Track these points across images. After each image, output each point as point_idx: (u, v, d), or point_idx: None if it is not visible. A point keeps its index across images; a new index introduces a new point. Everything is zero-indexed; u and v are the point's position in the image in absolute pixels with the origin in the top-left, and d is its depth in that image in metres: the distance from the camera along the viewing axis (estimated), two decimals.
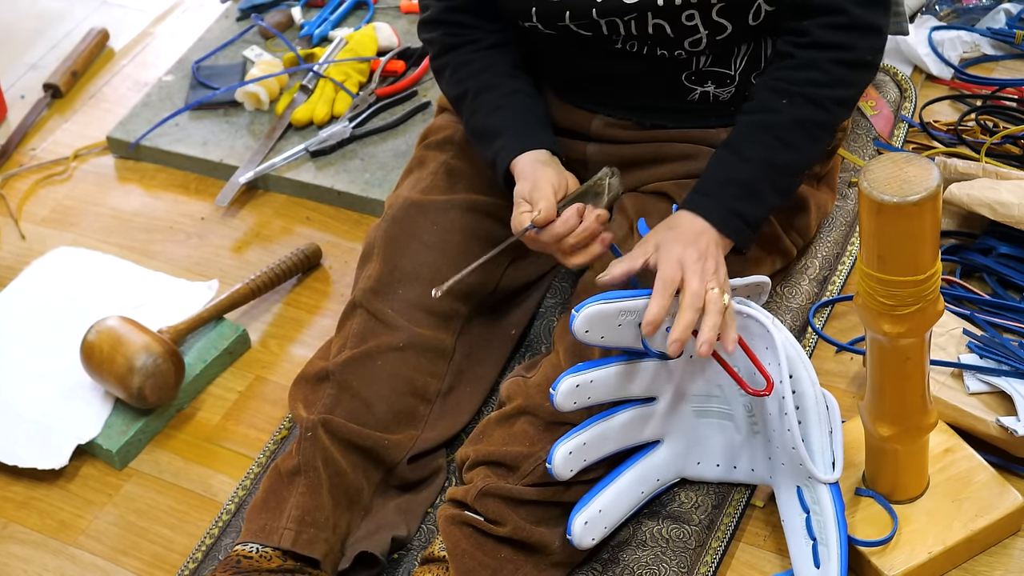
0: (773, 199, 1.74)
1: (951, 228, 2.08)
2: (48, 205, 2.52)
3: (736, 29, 1.74)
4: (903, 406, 1.60)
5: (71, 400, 2.09)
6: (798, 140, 1.72)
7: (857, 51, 1.71)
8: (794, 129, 1.71)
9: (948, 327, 1.88)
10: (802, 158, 1.75)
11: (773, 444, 1.70)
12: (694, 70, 1.81)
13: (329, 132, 2.46)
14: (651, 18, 1.72)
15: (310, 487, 1.75)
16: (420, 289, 1.84)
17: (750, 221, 1.71)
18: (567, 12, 1.74)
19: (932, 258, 1.45)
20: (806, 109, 1.71)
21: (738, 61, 1.80)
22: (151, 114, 2.61)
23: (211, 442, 2.05)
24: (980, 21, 2.44)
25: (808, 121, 1.71)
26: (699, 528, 1.78)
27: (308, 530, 1.72)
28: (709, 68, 1.80)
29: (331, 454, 1.77)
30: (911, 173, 1.39)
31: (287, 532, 1.72)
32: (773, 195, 1.74)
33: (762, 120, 1.72)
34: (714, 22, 1.72)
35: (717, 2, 1.69)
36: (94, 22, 2.95)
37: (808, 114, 1.71)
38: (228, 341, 2.14)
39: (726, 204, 1.69)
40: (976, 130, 2.23)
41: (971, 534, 1.68)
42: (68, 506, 2.00)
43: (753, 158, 1.71)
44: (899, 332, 1.50)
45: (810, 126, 1.72)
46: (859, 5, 1.69)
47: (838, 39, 1.70)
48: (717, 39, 1.75)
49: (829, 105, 1.71)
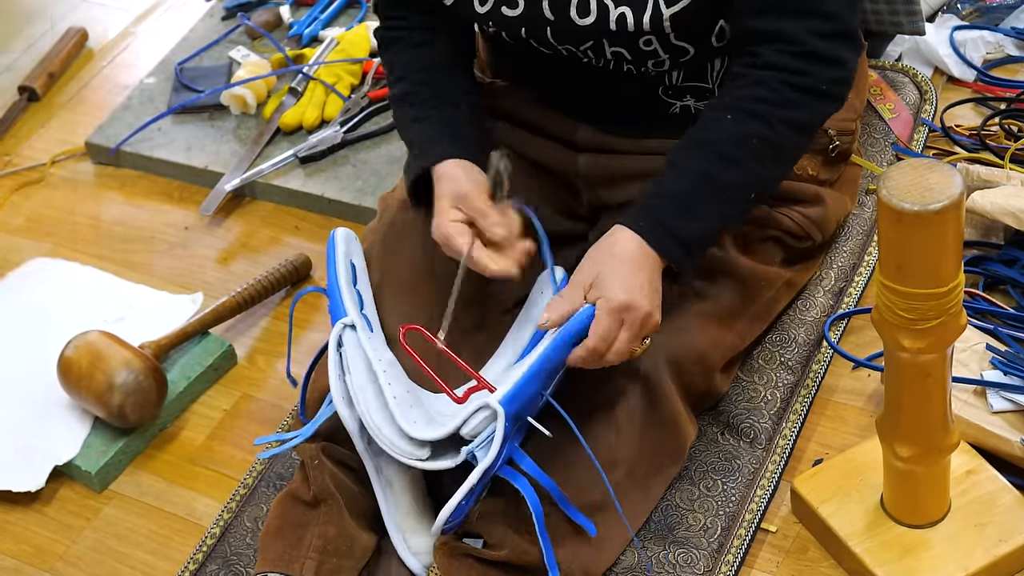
0: (713, 219, 1.71)
1: (973, 238, 2.09)
2: (23, 214, 2.53)
3: (701, 50, 1.76)
4: (923, 425, 1.60)
5: (48, 419, 2.09)
6: (740, 156, 1.69)
7: (811, 77, 1.69)
8: (735, 144, 1.69)
9: (970, 342, 1.88)
10: (747, 177, 1.71)
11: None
12: (669, 85, 1.83)
13: (319, 137, 2.47)
14: (608, 45, 1.74)
15: (330, 515, 1.77)
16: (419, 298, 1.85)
17: (683, 239, 1.69)
18: (522, 29, 1.77)
19: (954, 269, 1.45)
20: (750, 124, 1.69)
21: (714, 75, 1.82)
22: (132, 118, 2.61)
23: (195, 463, 2.06)
24: (1004, 20, 2.45)
25: (753, 136, 1.69)
26: (707, 553, 1.78)
27: (331, 560, 1.74)
28: (685, 84, 1.82)
29: (340, 479, 1.78)
30: (932, 180, 1.40)
31: (309, 561, 1.74)
32: (714, 215, 1.71)
33: (702, 136, 1.71)
34: (674, 46, 1.74)
35: (672, 30, 1.70)
36: (72, 21, 2.96)
37: (752, 130, 1.69)
38: (213, 357, 2.15)
39: (658, 218, 1.68)
40: (1000, 135, 2.24)
41: (994, 560, 1.69)
42: (45, 530, 2.00)
43: (689, 171, 1.70)
44: (919, 347, 1.50)
45: (756, 143, 1.69)
46: (818, 37, 1.68)
47: (791, 63, 1.69)
48: (681, 61, 1.76)
49: (775, 123, 1.69)
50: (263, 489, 1.95)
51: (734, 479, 1.85)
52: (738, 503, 1.83)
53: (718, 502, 1.83)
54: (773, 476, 1.85)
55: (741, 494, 1.83)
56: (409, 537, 1.77)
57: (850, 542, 1.72)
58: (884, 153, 2.23)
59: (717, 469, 1.86)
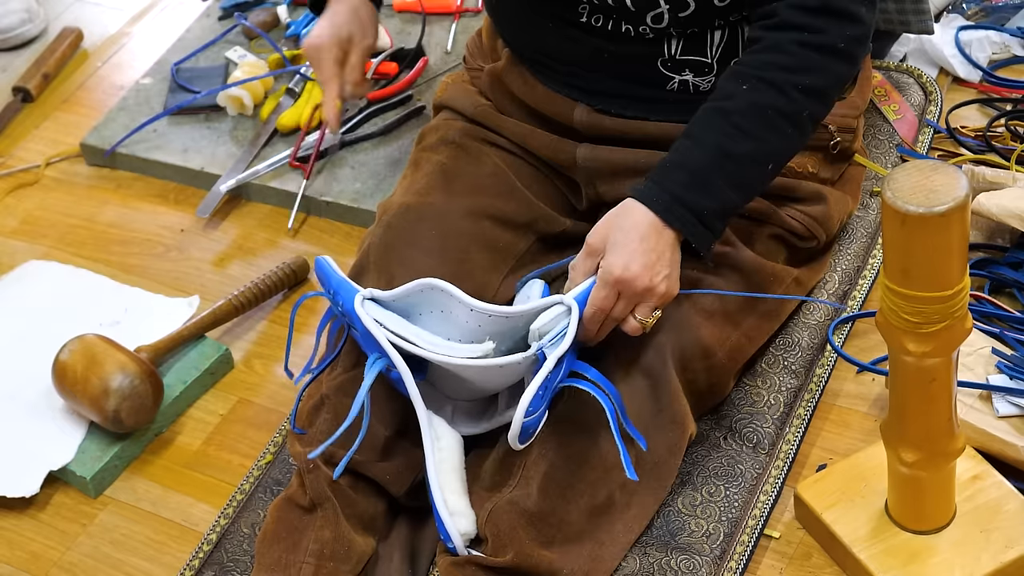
0: (729, 193, 1.71)
1: (979, 241, 2.09)
2: (18, 216, 2.53)
3: (700, 7, 1.76)
4: (928, 430, 1.60)
5: (42, 424, 2.09)
6: (756, 128, 1.70)
7: (827, 35, 1.70)
8: (751, 115, 1.69)
9: (976, 346, 1.88)
10: (763, 149, 1.71)
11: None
12: (668, 57, 1.83)
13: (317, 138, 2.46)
14: None
15: (327, 520, 1.77)
16: None
17: (700, 213, 1.69)
18: None
19: (960, 272, 1.45)
20: (765, 94, 1.69)
21: (714, 48, 1.82)
22: (127, 119, 2.61)
23: (191, 468, 2.05)
24: (1010, 20, 2.45)
25: (768, 108, 1.69)
26: (710, 559, 1.78)
27: (327, 564, 1.74)
28: (684, 57, 1.82)
29: (337, 484, 1.78)
30: (937, 182, 1.40)
31: (306, 566, 1.74)
32: (728, 188, 1.71)
33: (718, 106, 1.72)
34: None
35: None
36: (67, 21, 2.96)
37: (768, 100, 1.69)
38: (210, 361, 2.15)
39: (671, 191, 1.69)
40: (1006, 136, 2.24)
41: (1001, 566, 1.69)
42: (39, 537, 2.00)
43: (705, 144, 1.70)
44: (924, 351, 1.50)
45: (771, 114, 1.70)
46: None
47: (806, 20, 1.70)
48: (680, 16, 1.77)
49: (791, 92, 1.69)
50: (260, 495, 1.95)
51: (737, 484, 1.85)
52: (741, 509, 1.83)
53: (721, 508, 1.83)
54: (776, 481, 1.85)
55: (744, 500, 1.83)
56: (448, 496, 1.74)
57: (854, 548, 1.72)
58: (889, 155, 2.23)
59: (720, 474, 1.86)
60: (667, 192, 1.69)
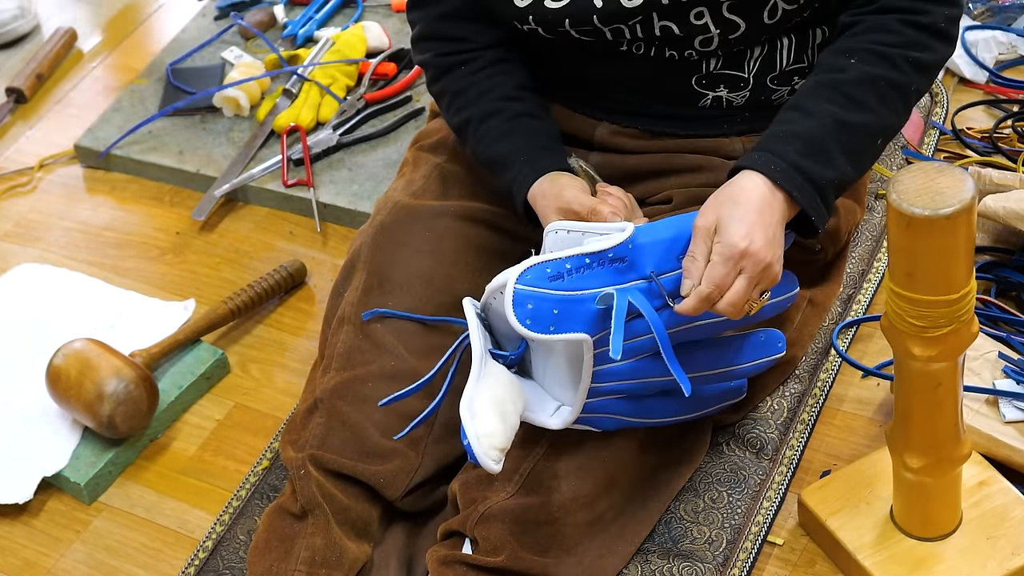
0: (844, 164, 1.66)
1: (986, 243, 2.09)
2: (11, 219, 2.53)
3: (750, 27, 1.74)
4: (934, 435, 1.61)
5: (36, 429, 2.09)
6: (868, 98, 1.66)
7: (930, 15, 1.69)
8: (863, 86, 1.66)
9: (982, 350, 1.88)
10: (875, 121, 1.68)
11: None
12: (705, 73, 1.81)
13: (314, 140, 2.47)
14: (657, 20, 1.73)
15: (317, 526, 1.76)
16: (411, 302, 1.85)
17: (818, 182, 1.64)
18: (566, 20, 1.75)
19: (966, 276, 1.45)
20: (877, 66, 1.67)
21: (751, 64, 1.81)
22: (122, 121, 2.62)
23: (187, 474, 2.06)
24: (1017, 20, 2.45)
25: (880, 79, 1.67)
26: (713, 566, 1.78)
27: (319, 571, 1.74)
28: (721, 71, 1.81)
29: (328, 489, 1.77)
30: (943, 184, 1.40)
31: (297, 574, 1.73)
32: (843, 159, 1.66)
33: (827, 78, 1.68)
34: (725, 19, 1.73)
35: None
36: (61, 21, 2.96)
37: (879, 71, 1.67)
38: (205, 366, 2.15)
39: (789, 159, 1.63)
40: (1013, 138, 2.24)
41: (1007, 573, 1.69)
42: (33, 543, 2.00)
43: (818, 113, 1.66)
44: (930, 356, 1.50)
45: (883, 85, 1.67)
46: None
47: (908, 3, 1.69)
48: (730, 38, 1.75)
49: (901, 63, 1.67)
50: (257, 501, 1.95)
51: (740, 491, 1.85)
52: (744, 515, 1.83)
53: (724, 514, 1.83)
54: (780, 488, 1.85)
55: (747, 506, 1.83)
56: (478, 420, 1.67)
57: (859, 555, 1.72)
58: (894, 157, 2.23)
59: (723, 481, 1.86)
60: (782, 159, 1.63)
